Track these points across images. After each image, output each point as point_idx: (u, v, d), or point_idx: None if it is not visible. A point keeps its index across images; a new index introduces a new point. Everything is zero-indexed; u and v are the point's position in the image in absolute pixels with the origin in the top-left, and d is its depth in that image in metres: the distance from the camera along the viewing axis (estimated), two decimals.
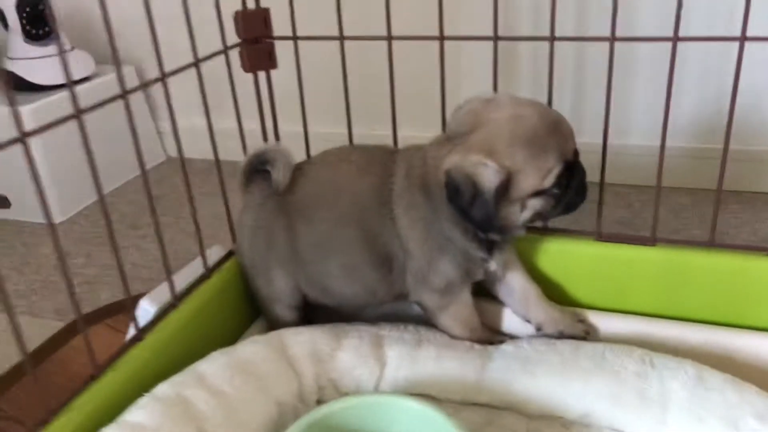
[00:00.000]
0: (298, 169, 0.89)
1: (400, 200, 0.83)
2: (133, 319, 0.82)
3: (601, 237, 0.92)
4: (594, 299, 0.93)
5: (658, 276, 0.89)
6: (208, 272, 0.91)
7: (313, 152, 0.98)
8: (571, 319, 0.89)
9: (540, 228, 0.94)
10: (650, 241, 0.90)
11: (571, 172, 0.78)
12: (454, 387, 0.84)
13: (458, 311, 0.86)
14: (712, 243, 0.88)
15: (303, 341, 0.85)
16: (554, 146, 0.76)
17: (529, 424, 0.80)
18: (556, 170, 0.76)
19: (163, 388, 0.74)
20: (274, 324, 0.92)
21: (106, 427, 0.68)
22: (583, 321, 0.90)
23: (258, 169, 0.91)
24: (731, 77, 0.80)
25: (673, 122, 0.86)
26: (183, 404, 0.72)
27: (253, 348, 0.82)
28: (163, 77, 0.81)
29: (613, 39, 0.83)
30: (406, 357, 0.86)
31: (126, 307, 0.84)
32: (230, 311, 0.93)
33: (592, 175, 0.83)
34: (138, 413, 0.70)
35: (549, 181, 0.76)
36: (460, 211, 0.77)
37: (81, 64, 1.64)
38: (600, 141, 0.88)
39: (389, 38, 0.91)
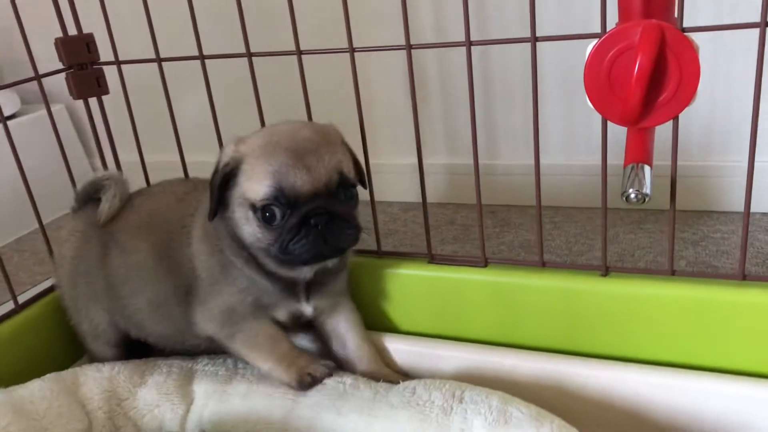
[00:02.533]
0: (129, 199, 0.86)
1: (196, 229, 0.79)
2: None
3: (433, 259, 0.86)
4: (433, 326, 0.86)
5: (491, 300, 0.82)
6: (19, 308, 0.87)
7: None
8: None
9: (373, 251, 0.88)
10: (480, 262, 0.83)
11: (301, 216, 0.68)
12: (260, 426, 0.78)
13: (249, 339, 0.79)
14: (542, 263, 0.80)
15: (100, 377, 0.80)
16: (283, 165, 0.68)
17: None
18: (267, 185, 0.68)
19: None
20: (94, 361, 0.87)
21: None
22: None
23: (93, 197, 0.88)
24: None
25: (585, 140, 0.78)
26: None
27: (38, 386, 0.77)
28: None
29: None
30: (214, 394, 0.80)
31: None
32: (46, 348, 0.89)
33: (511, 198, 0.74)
34: None
35: (258, 192, 0.69)
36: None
37: (5, 102, 1.65)
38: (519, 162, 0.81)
39: (201, 57, 0.87)
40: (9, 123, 1.58)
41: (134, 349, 0.89)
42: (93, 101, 0.96)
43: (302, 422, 0.76)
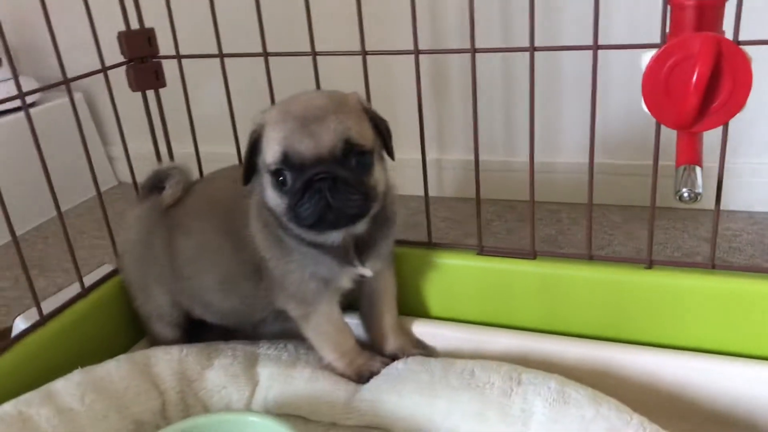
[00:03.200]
0: (188, 187, 0.90)
1: (252, 208, 0.83)
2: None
3: (483, 251, 0.91)
4: (480, 314, 0.91)
5: (539, 290, 0.88)
6: (86, 291, 0.90)
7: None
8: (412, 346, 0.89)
9: (424, 242, 0.93)
10: (530, 254, 0.88)
11: (304, 181, 0.71)
12: (324, 408, 0.82)
13: (320, 325, 0.83)
14: (590, 256, 0.86)
15: (170, 359, 0.84)
16: (291, 132, 0.71)
17: None
18: (277, 150, 0.72)
19: (5, 407, 0.73)
20: (155, 342, 0.91)
21: None
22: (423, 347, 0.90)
23: (157, 186, 0.92)
24: None
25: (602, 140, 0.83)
26: (22, 423, 0.71)
27: (115, 365, 0.81)
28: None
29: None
30: (278, 377, 0.84)
31: None
32: (111, 329, 0.92)
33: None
34: None
35: (271, 157, 0.72)
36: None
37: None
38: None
39: (265, 54, 0.91)
40: (31, 111, 1.62)
41: (193, 331, 0.93)
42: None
43: (365, 404, 0.81)
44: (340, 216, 0.73)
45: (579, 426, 0.70)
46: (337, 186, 0.71)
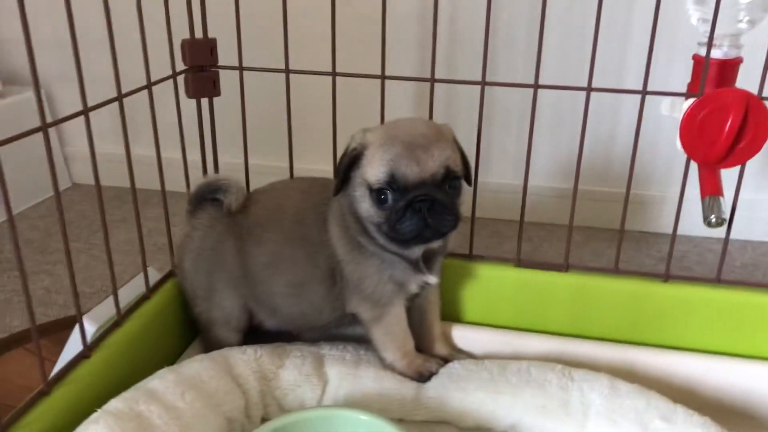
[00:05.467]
0: (248, 197, 0.93)
1: (332, 215, 0.88)
2: (83, 337, 0.81)
3: (520, 263, 1.01)
4: (515, 320, 1.02)
5: (570, 299, 0.99)
6: (149, 292, 0.91)
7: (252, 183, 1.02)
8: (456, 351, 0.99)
9: (465, 255, 1.02)
10: (563, 267, 1.00)
11: (408, 201, 0.79)
12: (393, 405, 0.88)
13: (391, 326, 0.90)
14: (616, 270, 0.99)
15: (247, 359, 0.87)
16: (398, 156, 0.78)
17: None
18: (383, 172, 0.79)
19: (115, 404, 0.73)
20: (214, 346, 0.93)
21: None
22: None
23: (206, 197, 0.94)
24: (624, 126, 0.91)
25: (566, 167, 0.97)
26: (137, 419, 0.72)
27: (200, 365, 0.83)
28: (86, 110, 0.77)
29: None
30: (347, 376, 0.90)
31: (49, 330, 0.82)
32: (170, 331, 0.94)
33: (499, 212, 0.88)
34: (92, 428, 0.69)
35: (375, 176, 0.80)
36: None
37: None
38: (508, 181, 0.96)
39: (333, 74, 0.97)
40: None
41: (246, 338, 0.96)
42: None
43: (432, 401, 0.88)
44: (434, 234, 0.82)
45: (635, 416, 0.82)
46: (434, 207, 0.80)
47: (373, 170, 0.80)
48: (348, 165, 0.83)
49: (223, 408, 0.80)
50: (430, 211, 0.79)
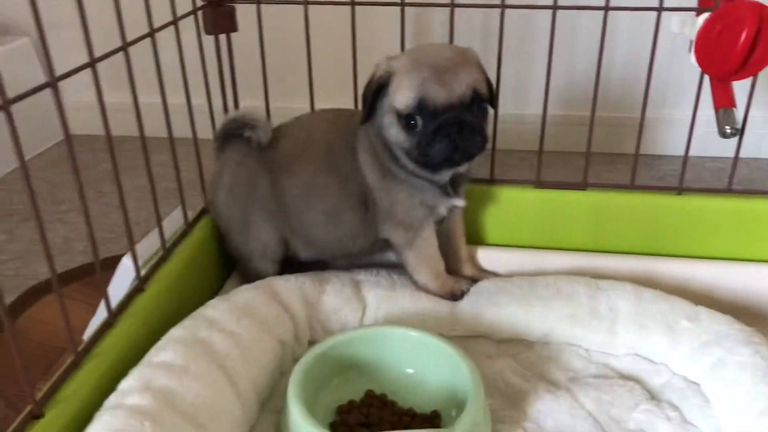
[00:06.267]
0: (275, 131, 0.94)
1: (361, 144, 0.91)
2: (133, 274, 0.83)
3: (540, 184, 1.05)
4: (536, 240, 1.06)
5: (589, 216, 1.04)
6: (189, 227, 0.93)
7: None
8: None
9: (487, 179, 1.06)
10: (582, 185, 1.04)
11: (437, 124, 0.81)
12: (431, 323, 0.92)
13: (423, 248, 0.93)
14: (632, 186, 1.03)
15: (291, 287, 0.90)
16: (426, 80, 0.80)
17: (499, 347, 0.91)
18: (411, 97, 0.81)
19: (178, 332, 0.76)
20: (252, 277, 0.95)
21: (135, 368, 0.70)
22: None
23: (233, 133, 0.95)
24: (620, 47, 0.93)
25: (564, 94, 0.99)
26: (201, 344, 0.75)
27: (249, 294, 0.86)
28: (93, 62, 0.72)
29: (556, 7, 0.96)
30: (384, 298, 0.93)
31: (80, 275, 0.82)
32: (210, 263, 0.96)
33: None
34: (163, 354, 0.72)
35: (403, 102, 0.81)
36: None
37: None
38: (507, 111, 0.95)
39: (353, 3, 0.97)
40: None
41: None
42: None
43: (467, 315, 0.93)
44: (464, 156, 0.84)
45: (661, 317, 0.87)
46: (464, 130, 0.82)
47: (402, 96, 0.82)
48: (374, 93, 0.85)
49: (275, 332, 0.84)
50: (459, 133, 0.81)
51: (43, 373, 0.96)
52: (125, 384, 0.68)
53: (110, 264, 1.19)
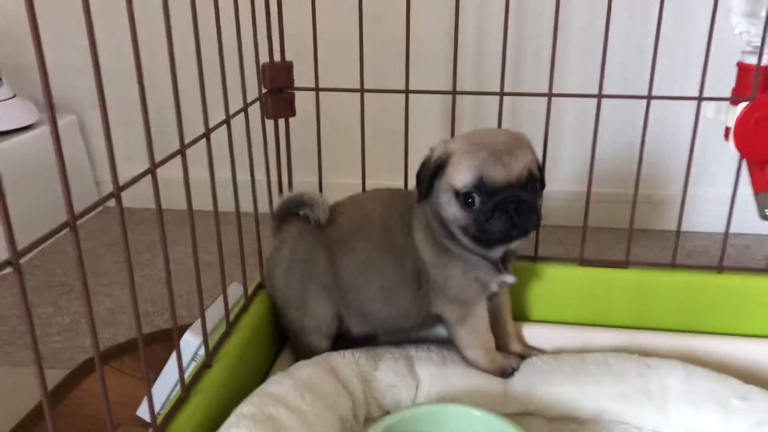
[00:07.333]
0: (330, 209, 0.98)
1: (416, 221, 0.94)
2: (179, 351, 0.85)
3: (584, 262, 1.08)
4: (580, 317, 1.08)
5: (631, 293, 1.06)
6: (248, 303, 0.95)
7: None
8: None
9: (530, 256, 1.09)
10: (624, 264, 1.07)
11: (496, 202, 0.85)
12: (483, 400, 0.93)
13: (475, 325, 0.95)
14: (673, 264, 1.06)
15: (348, 363, 0.92)
16: (485, 161, 0.85)
17: (551, 425, 0.92)
18: (470, 178, 0.85)
19: (246, 408, 0.78)
20: (306, 353, 0.97)
21: None
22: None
23: (291, 211, 1.00)
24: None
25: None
26: (270, 421, 0.77)
27: (310, 370, 0.88)
28: (153, 168, 0.73)
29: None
30: (437, 375, 0.95)
31: (129, 349, 0.82)
32: (266, 338, 0.98)
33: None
34: (234, 430, 0.74)
35: (462, 181, 0.86)
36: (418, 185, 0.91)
37: (23, 112, 1.60)
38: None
39: (407, 92, 1.03)
40: (27, 134, 1.57)
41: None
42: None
43: (519, 393, 0.94)
44: (520, 232, 0.88)
45: (713, 397, 0.89)
46: (520, 208, 0.86)
47: (461, 175, 0.86)
48: (432, 173, 0.89)
49: (335, 408, 0.85)
50: (516, 211, 0.86)
51: None
52: None
53: (158, 338, 1.21)
